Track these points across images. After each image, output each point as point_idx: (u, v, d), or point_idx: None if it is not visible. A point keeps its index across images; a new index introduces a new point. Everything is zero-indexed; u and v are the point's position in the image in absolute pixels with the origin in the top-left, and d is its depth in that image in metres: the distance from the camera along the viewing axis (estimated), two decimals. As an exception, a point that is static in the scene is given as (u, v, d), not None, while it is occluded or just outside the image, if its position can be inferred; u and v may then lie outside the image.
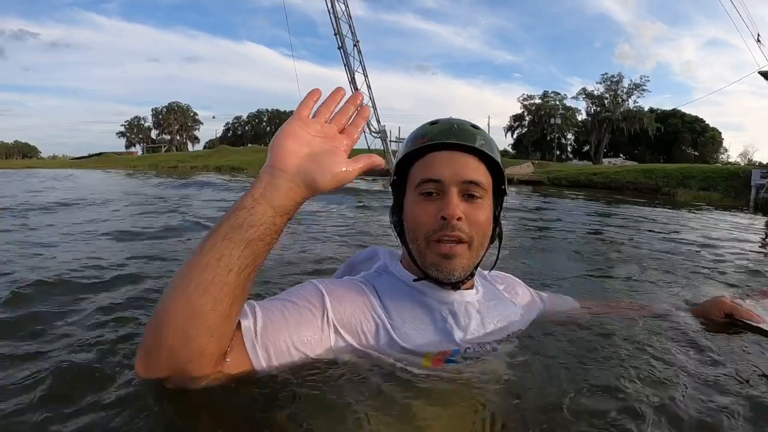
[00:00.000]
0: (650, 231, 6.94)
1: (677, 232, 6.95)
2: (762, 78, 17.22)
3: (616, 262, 4.02)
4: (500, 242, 1.44)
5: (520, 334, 1.43)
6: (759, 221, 11.26)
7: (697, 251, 4.78)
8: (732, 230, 7.97)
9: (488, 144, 1.33)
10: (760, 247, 6.14)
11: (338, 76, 31.43)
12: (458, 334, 1.29)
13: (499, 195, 1.40)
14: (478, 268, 1.39)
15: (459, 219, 1.24)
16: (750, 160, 43.96)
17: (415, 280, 1.34)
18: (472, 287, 1.41)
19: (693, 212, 12.26)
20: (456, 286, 1.33)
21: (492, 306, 1.42)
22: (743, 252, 5.09)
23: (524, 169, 34.30)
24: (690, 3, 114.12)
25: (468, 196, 1.28)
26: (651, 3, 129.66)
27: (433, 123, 1.39)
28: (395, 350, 1.22)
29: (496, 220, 1.39)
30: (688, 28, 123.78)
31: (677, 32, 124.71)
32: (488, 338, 1.34)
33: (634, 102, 63.65)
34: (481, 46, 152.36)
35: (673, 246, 5.12)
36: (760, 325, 1.61)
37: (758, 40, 20.33)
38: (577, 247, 4.91)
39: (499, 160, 1.35)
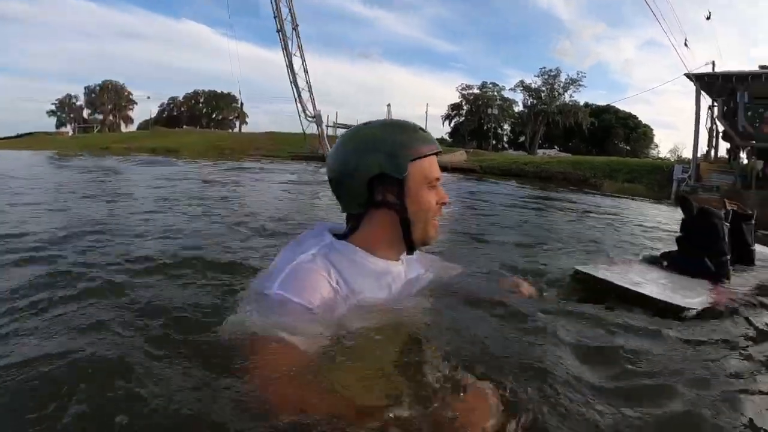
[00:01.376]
0: (564, 211, 7.93)
1: (590, 211, 8.12)
2: (687, 80, 17.47)
3: (520, 234, 4.74)
4: None
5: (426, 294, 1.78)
6: (677, 213, 11.06)
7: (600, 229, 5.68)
8: (641, 216, 8.70)
9: None
10: (653, 229, 6.63)
11: (277, 59, 30.76)
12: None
13: None
14: None
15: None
16: (679, 157, 45.35)
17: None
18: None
19: (615, 200, 12.71)
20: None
21: (412, 271, 1.80)
22: (640, 233, 5.80)
23: (457, 157, 34.23)
24: (632, 6, 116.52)
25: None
26: (594, 3, 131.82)
27: (421, 130, 1.69)
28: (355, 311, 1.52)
29: None
30: (627, 29, 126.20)
31: (617, 32, 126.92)
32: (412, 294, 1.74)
33: (570, 96, 64.61)
34: (424, 34, 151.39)
35: (579, 224, 6.17)
36: (615, 282, 2.11)
37: (686, 45, 21.20)
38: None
39: None
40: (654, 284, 2.25)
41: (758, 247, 3.06)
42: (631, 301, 2.03)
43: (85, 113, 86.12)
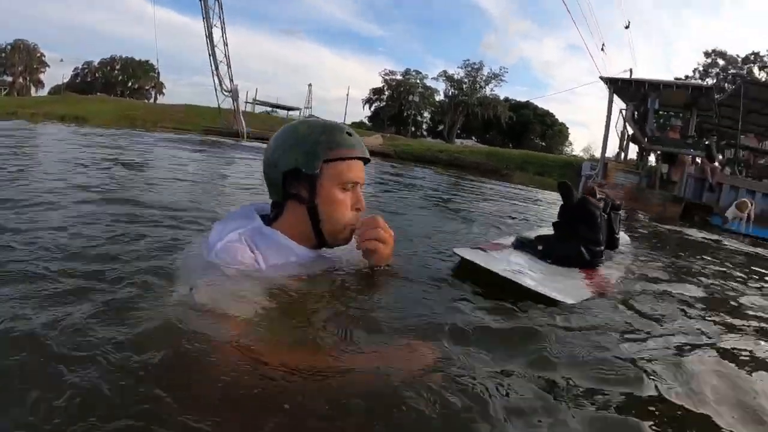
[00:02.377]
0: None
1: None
2: (602, 83, 17.93)
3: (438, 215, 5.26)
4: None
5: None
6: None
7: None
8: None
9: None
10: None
11: (197, 28, 29.48)
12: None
13: None
14: None
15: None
16: (591, 156, 47.13)
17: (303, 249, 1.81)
18: None
19: (523, 189, 13.06)
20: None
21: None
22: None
23: (373, 140, 33.90)
24: (559, 8, 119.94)
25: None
26: (522, 1, 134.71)
27: (348, 134, 1.81)
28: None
29: None
30: (553, 30, 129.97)
31: (542, 32, 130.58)
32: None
33: (491, 90, 65.73)
34: (351, 16, 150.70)
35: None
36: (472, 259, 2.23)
37: (602, 50, 22.23)
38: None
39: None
40: (532, 273, 2.31)
41: (621, 234, 3.58)
42: (507, 286, 2.09)
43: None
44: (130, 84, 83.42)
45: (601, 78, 18.33)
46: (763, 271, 4.71)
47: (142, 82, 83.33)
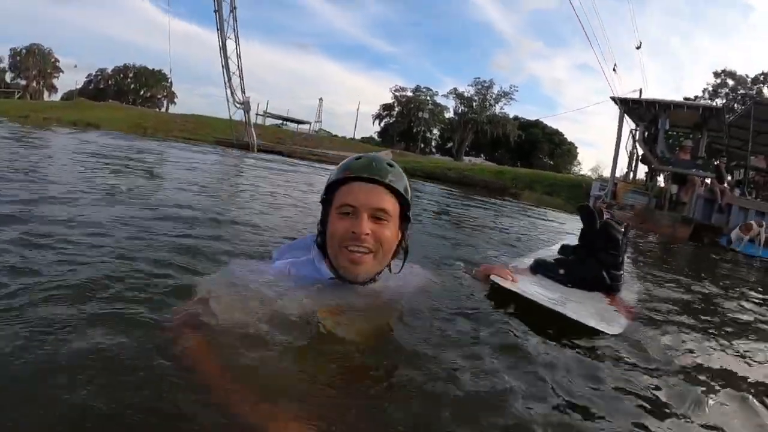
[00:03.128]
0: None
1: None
2: (613, 103, 17.90)
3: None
4: (406, 254, 1.94)
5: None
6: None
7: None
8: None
9: (398, 180, 1.79)
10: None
11: (211, 40, 29.66)
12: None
13: (406, 219, 1.87)
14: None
15: (367, 234, 1.70)
16: (600, 176, 46.98)
17: (330, 278, 1.80)
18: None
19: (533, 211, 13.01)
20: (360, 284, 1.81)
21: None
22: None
23: (383, 155, 33.98)
24: (570, 29, 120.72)
25: (376, 218, 1.74)
26: (534, 21, 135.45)
27: (357, 158, 1.81)
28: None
29: (402, 236, 1.89)
30: (564, 50, 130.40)
31: (553, 52, 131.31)
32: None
33: (501, 108, 66.31)
34: (363, 31, 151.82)
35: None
36: (513, 289, 2.18)
37: (614, 70, 22.09)
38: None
39: (404, 191, 1.81)
40: (570, 302, 2.28)
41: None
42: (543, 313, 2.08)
43: (8, 77, 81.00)
44: (142, 92, 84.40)
45: (612, 98, 18.26)
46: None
47: (154, 91, 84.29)
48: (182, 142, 23.94)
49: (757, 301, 4.09)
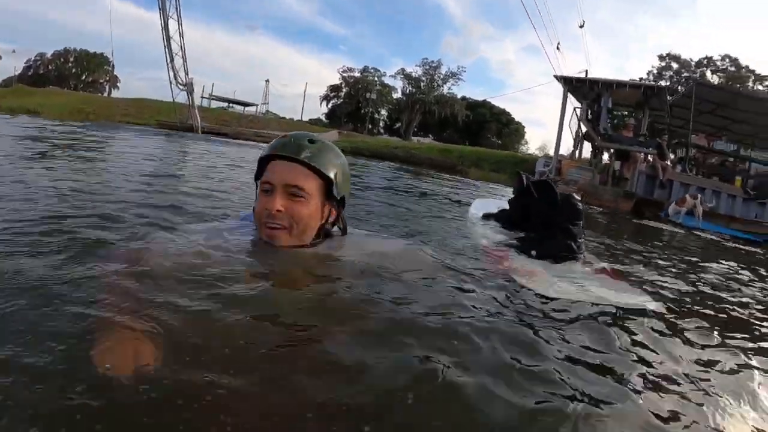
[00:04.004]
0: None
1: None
2: (558, 82, 18.12)
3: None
4: (344, 229, 1.97)
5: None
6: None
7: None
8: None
9: (317, 156, 1.79)
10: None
11: (155, 20, 28.50)
12: None
13: (334, 197, 1.86)
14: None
15: (279, 211, 1.73)
16: (546, 154, 47.97)
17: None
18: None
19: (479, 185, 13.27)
20: None
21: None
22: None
23: (329, 136, 33.67)
24: (519, 11, 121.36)
25: (291, 195, 1.74)
26: (485, 4, 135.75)
27: (282, 137, 1.86)
28: None
29: (334, 215, 1.91)
30: (512, 32, 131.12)
31: (502, 34, 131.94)
32: None
33: (449, 89, 66.11)
34: (312, 13, 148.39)
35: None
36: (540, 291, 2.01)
37: (558, 49, 22.34)
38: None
39: (326, 170, 1.80)
40: (592, 286, 2.23)
41: None
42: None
43: (-58, 64, 77.02)
44: (84, 77, 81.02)
45: (556, 77, 18.47)
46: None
47: (96, 75, 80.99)
48: (125, 126, 23.19)
49: (693, 263, 4.66)
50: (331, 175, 1.81)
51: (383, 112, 73.01)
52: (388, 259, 1.91)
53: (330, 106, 71.61)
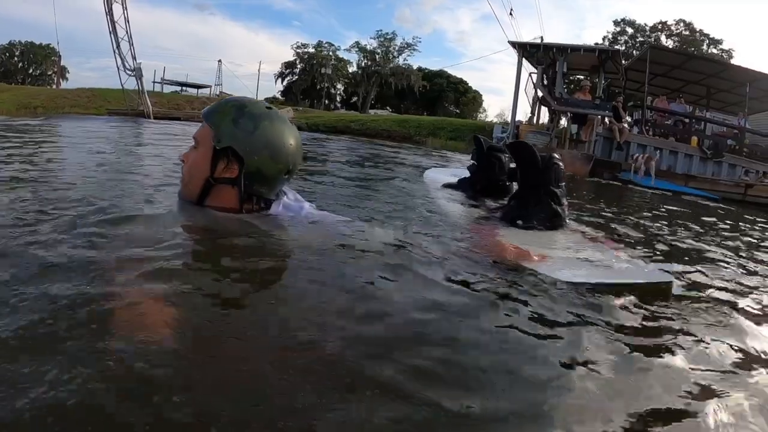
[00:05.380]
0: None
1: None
2: (510, 47, 18.17)
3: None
4: (240, 189, 1.85)
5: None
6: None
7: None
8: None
9: (211, 111, 1.88)
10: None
11: (97, 4, 27.45)
12: None
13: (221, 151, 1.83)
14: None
15: (182, 160, 1.93)
16: (505, 120, 48.52)
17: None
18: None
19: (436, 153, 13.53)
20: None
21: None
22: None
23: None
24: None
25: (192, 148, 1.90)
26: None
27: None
28: None
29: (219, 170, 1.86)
30: (467, 2, 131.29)
31: (456, 3, 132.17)
32: None
33: (404, 60, 65.95)
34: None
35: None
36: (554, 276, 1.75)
37: (511, 14, 22.08)
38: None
39: (212, 121, 1.85)
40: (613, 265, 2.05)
41: None
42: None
43: None
44: (31, 71, 78.24)
45: (510, 43, 18.40)
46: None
47: (44, 67, 78.29)
48: (73, 117, 22.50)
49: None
50: (215, 122, 1.84)
51: (339, 86, 72.51)
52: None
53: (285, 83, 70.74)
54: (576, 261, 2.06)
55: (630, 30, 53.78)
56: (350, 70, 69.35)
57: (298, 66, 69.51)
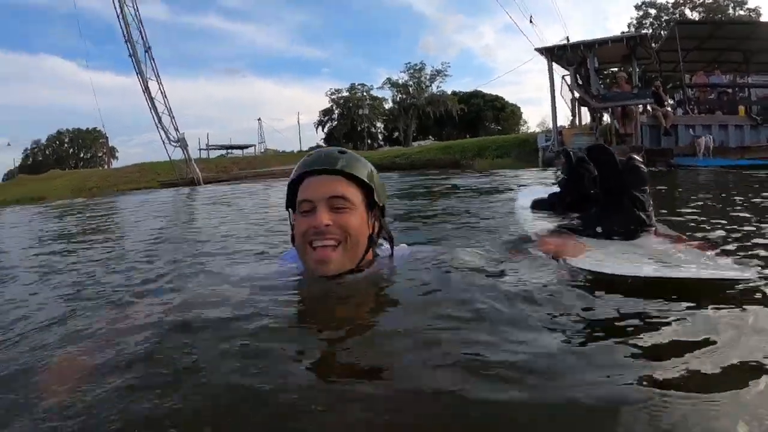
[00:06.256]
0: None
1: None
2: (539, 54, 18.01)
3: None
4: (391, 241, 1.82)
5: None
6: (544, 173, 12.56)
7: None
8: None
9: (352, 164, 1.67)
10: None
11: (134, 83, 28.63)
12: None
13: (375, 206, 1.72)
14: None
15: (327, 225, 1.58)
16: (546, 128, 47.84)
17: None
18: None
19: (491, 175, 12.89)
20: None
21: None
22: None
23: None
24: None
25: (336, 208, 1.61)
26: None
27: (309, 155, 1.74)
28: None
29: (378, 225, 1.76)
30: (486, 16, 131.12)
31: (476, 21, 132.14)
32: None
33: (438, 87, 66.35)
34: (288, 44, 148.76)
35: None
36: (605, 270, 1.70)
37: (531, 21, 21.98)
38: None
39: (363, 176, 1.67)
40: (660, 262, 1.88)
41: None
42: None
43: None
44: (82, 155, 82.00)
45: (537, 50, 18.31)
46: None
47: (94, 150, 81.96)
48: (129, 192, 23.41)
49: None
50: (371, 182, 1.70)
51: (379, 124, 73.10)
52: (447, 275, 1.69)
53: (326, 130, 71.81)
54: (664, 264, 1.87)
55: (653, 11, 52.71)
56: (386, 106, 69.91)
57: (335, 111, 70.51)
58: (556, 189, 3.13)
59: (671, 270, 1.74)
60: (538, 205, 3.35)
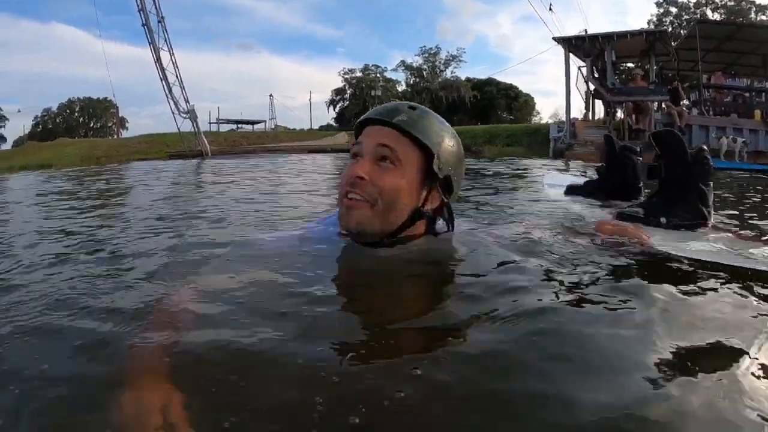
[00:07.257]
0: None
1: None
2: (555, 45, 17.96)
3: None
4: (451, 221, 1.54)
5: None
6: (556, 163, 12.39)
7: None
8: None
9: (414, 122, 1.43)
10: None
11: (146, 54, 28.51)
12: None
13: (434, 175, 1.45)
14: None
15: (361, 178, 1.38)
16: (559, 120, 47.61)
17: (339, 233, 1.53)
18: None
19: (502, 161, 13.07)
20: (365, 243, 1.47)
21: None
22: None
23: (339, 139, 33.93)
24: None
25: (380, 160, 1.40)
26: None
27: (384, 104, 1.57)
28: None
29: (433, 199, 1.50)
30: (504, 4, 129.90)
31: (494, 9, 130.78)
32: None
33: (452, 72, 65.88)
34: (303, 21, 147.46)
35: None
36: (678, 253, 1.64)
37: (550, 9, 21.86)
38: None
39: (424, 137, 1.43)
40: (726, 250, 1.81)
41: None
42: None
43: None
44: (92, 124, 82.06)
45: (555, 39, 18.18)
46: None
47: (104, 119, 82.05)
48: (137, 163, 23.48)
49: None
50: (432, 144, 1.43)
51: (391, 107, 72.96)
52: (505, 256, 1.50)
53: (337, 110, 71.47)
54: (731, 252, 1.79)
55: (674, 9, 52.19)
56: (399, 89, 69.63)
57: (348, 91, 70.10)
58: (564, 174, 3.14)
59: (752, 262, 1.63)
60: (572, 191, 3.33)
